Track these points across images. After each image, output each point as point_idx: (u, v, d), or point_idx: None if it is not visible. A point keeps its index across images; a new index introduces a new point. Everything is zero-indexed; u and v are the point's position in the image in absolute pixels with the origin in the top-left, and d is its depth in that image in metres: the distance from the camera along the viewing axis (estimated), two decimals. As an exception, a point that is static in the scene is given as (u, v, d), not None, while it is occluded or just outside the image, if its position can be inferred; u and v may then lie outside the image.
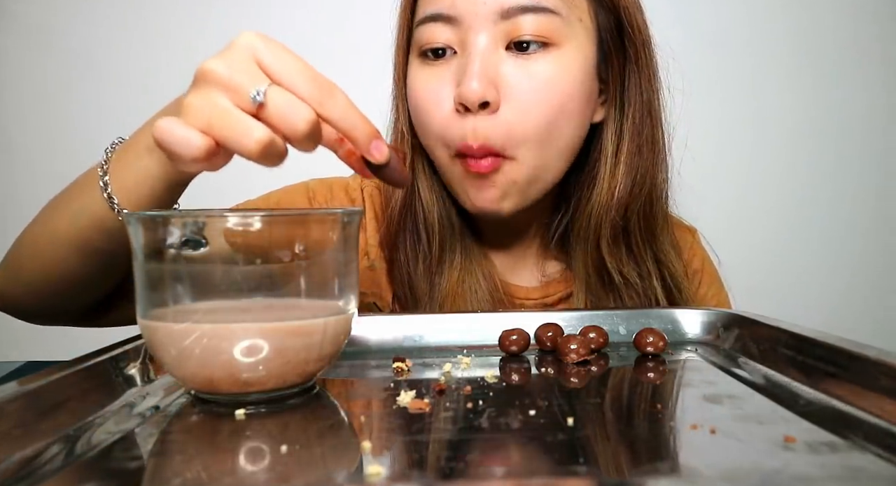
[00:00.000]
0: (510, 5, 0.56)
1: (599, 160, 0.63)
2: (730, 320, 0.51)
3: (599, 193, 0.62)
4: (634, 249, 0.65)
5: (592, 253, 0.64)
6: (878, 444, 0.29)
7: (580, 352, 0.45)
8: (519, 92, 0.56)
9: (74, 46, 0.98)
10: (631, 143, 0.62)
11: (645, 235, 0.65)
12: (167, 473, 0.28)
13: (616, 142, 0.62)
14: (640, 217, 0.64)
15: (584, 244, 0.64)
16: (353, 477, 0.27)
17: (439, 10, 0.57)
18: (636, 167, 0.62)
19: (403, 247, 0.66)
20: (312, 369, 0.38)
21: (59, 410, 0.33)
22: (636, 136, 0.62)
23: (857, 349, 0.37)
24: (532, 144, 0.57)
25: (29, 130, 1.00)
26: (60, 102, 0.99)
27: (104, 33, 0.98)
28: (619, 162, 0.62)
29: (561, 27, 0.57)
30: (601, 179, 0.62)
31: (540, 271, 0.70)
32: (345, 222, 0.39)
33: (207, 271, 0.35)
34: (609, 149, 0.62)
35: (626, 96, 0.62)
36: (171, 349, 0.35)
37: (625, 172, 0.62)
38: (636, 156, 0.62)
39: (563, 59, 0.57)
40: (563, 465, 0.28)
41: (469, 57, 0.56)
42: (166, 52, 0.99)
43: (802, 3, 1.02)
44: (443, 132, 0.59)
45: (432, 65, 0.59)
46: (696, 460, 0.29)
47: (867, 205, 1.01)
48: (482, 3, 0.56)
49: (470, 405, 0.36)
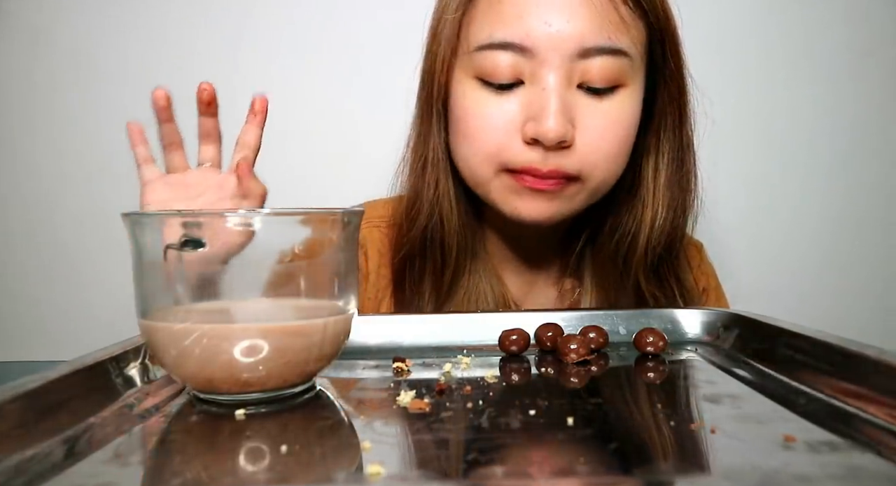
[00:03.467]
0: (589, 46, 0.56)
1: (640, 187, 0.64)
2: (730, 320, 0.51)
3: (639, 219, 0.64)
4: (661, 270, 0.67)
5: (626, 276, 0.65)
6: (878, 443, 0.29)
7: (580, 352, 0.45)
8: (592, 130, 0.58)
9: (75, 46, 0.98)
10: (669, 172, 0.64)
11: (670, 257, 0.67)
12: (167, 473, 0.28)
13: (654, 170, 0.64)
14: (674, 245, 0.66)
15: (616, 267, 0.66)
16: (353, 477, 0.27)
17: (511, 39, 0.56)
18: (676, 198, 0.64)
19: (412, 267, 0.66)
20: (312, 369, 0.38)
21: (59, 410, 0.33)
22: (675, 166, 0.64)
23: (857, 349, 0.37)
24: (599, 171, 0.59)
25: (29, 130, 1.00)
26: (60, 102, 0.99)
27: (104, 33, 0.98)
28: (658, 190, 0.64)
29: (629, 68, 0.58)
30: (641, 205, 0.64)
31: (556, 290, 0.71)
32: (345, 222, 0.39)
33: (207, 271, 0.35)
34: (649, 176, 0.64)
35: (664, 126, 0.63)
36: (171, 349, 0.35)
37: (665, 203, 0.64)
38: (675, 186, 0.64)
39: (629, 98, 0.59)
40: (563, 465, 0.28)
41: (545, 94, 0.56)
42: (167, 52, 0.99)
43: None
44: (497, 153, 0.59)
45: (497, 93, 0.58)
46: (696, 460, 0.29)
47: (869, 205, 1.01)
48: (562, 39, 0.55)
49: (470, 405, 0.36)
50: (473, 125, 0.59)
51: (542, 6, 0.56)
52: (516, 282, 0.70)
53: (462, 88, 0.60)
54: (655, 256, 0.64)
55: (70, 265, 1.00)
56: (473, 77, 0.59)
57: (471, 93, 0.59)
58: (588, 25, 0.55)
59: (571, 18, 0.55)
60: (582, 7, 0.55)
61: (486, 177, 0.60)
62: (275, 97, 0.99)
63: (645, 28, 0.59)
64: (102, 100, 0.99)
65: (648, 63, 0.61)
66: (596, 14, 0.56)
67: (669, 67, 0.61)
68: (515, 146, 0.58)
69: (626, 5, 0.57)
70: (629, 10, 0.57)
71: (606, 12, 0.56)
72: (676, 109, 0.63)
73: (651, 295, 0.65)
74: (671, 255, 0.66)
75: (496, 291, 0.67)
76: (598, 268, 0.68)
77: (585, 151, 0.58)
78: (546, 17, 0.55)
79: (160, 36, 0.99)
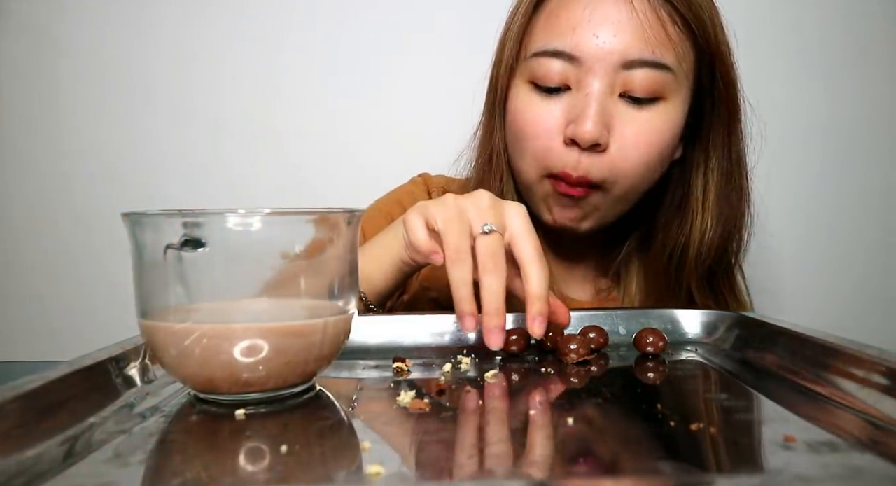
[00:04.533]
0: (633, 58, 0.59)
1: (689, 201, 0.67)
2: (730, 320, 0.51)
3: (688, 232, 0.66)
4: (715, 283, 0.69)
5: (679, 288, 0.68)
6: (878, 443, 0.29)
7: (580, 352, 0.45)
8: (627, 137, 0.60)
9: (76, 46, 0.98)
10: (718, 187, 0.66)
11: (723, 271, 0.69)
12: (167, 473, 0.28)
13: (703, 185, 0.66)
14: (725, 260, 0.68)
15: (669, 278, 0.68)
16: (353, 477, 0.27)
17: (562, 48, 0.60)
18: (725, 214, 0.66)
19: None
20: (312, 369, 0.38)
21: (59, 410, 0.33)
22: (724, 182, 0.66)
23: (857, 349, 0.37)
24: (626, 178, 0.62)
25: (29, 130, 1.00)
26: (61, 102, 0.99)
27: (105, 33, 0.98)
28: (707, 204, 0.66)
29: (672, 82, 0.61)
30: (691, 218, 0.66)
31: (593, 287, 0.74)
32: (345, 222, 0.39)
33: (207, 271, 0.35)
34: (698, 190, 0.66)
35: (713, 142, 0.65)
36: (172, 349, 0.35)
37: (715, 218, 0.66)
38: (725, 202, 0.66)
39: (669, 112, 0.61)
40: (564, 465, 0.28)
41: (587, 99, 0.60)
42: (168, 52, 0.99)
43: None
44: (543, 156, 0.62)
45: (545, 96, 0.62)
46: (696, 460, 0.29)
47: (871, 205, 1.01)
48: (608, 51, 0.59)
49: (470, 405, 0.36)
50: (523, 125, 0.63)
51: (593, 21, 0.60)
52: (559, 273, 0.73)
53: (517, 90, 0.65)
54: (705, 268, 0.67)
55: (70, 265, 1.00)
56: (527, 81, 0.63)
57: (523, 95, 0.64)
58: (633, 40, 0.59)
59: (618, 33, 0.59)
60: (630, 23, 0.59)
61: (531, 180, 0.64)
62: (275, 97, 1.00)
63: (693, 48, 0.62)
64: (103, 100, 0.99)
65: (696, 81, 0.64)
66: (642, 30, 0.59)
67: (718, 88, 0.64)
68: (556, 148, 0.61)
69: (675, 25, 0.60)
70: (677, 30, 0.60)
71: (654, 29, 0.59)
72: (725, 126, 0.65)
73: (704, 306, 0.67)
74: (724, 269, 0.69)
75: None
76: (650, 277, 0.70)
77: (617, 158, 0.60)
78: (596, 30, 0.59)
79: (161, 36, 0.99)
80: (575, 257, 0.73)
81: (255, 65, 0.99)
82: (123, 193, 1.00)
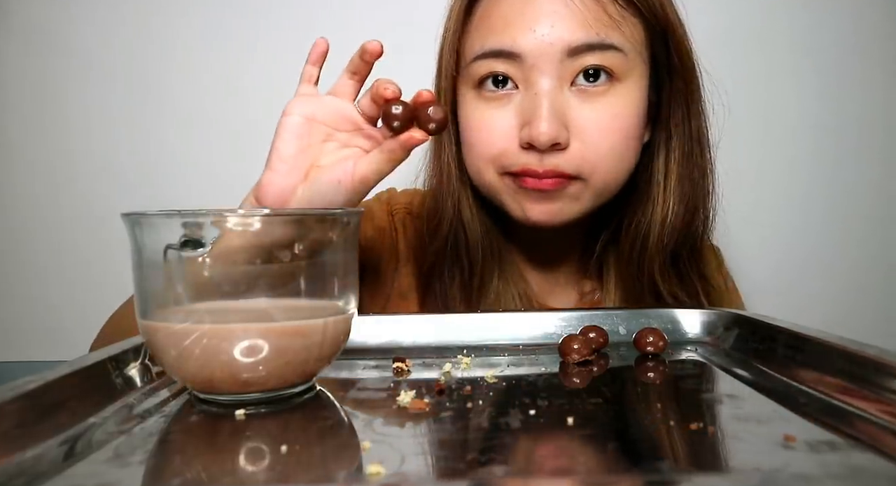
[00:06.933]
0: (576, 44, 0.57)
1: (650, 184, 0.64)
2: (730, 320, 0.51)
3: (650, 217, 0.63)
4: (682, 268, 0.66)
5: (641, 275, 0.65)
6: (878, 443, 0.29)
7: (582, 352, 0.45)
8: (587, 129, 0.58)
9: (76, 46, 0.98)
10: (680, 168, 0.63)
11: (691, 254, 0.66)
12: (167, 473, 0.28)
13: (664, 166, 0.64)
14: (690, 241, 0.65)
15: (633, 267, 0.65)
16: (353, 477, 0.27)
17: (500, 47, 0.58)
18: (687, 194, 0.63)
19: (440, 276, 0.66)
20: (312, 369, 0.38)
21: (59, 410, 0.33)
22: (685, 161, 0.63)
23: (857, 349, 0.37)
24: (601, 169, 0.59)
25: (29, 130, 1.00)
26: (61, 102, 0.99)
27: (105, 33, 0.98)
28: (668, 187, 0.63)
29: (623, 63, 0.58)
30: (652, 203, 0.63)
31: (577, 291, 0.71)
32: (345, 222, 0.39)
33: (207, 271, 0.35)
34: (659, 173, 0.64)
35: (673, 121, 0.63)
36: (172, 350, 0.35)
37: (677, 200, 0.63)
38: (686, 182, 0.63)
39: (626, 93, 0.59)
40: (564, 465, 0.28)
41: (537, 98, 0.57)
42: (168, 52, 0.99)
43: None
44: (498, 158, 0.60)
45: (492, 99, 0.60)
46: (695, 460, 0.29)
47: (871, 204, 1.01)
48: (548, 43, 0.57)
49: (470, 405, 0.36)
50: (475, 134, 0.61)
51: (526, 14, 0.57)
52: (540, 284, 0.71)
53: (464, 99, 0.62)
54: (667, 253, 0.64)
55: (70, 265, 1.00)
56: (472, 88, 0.61)
57: (471, 103, 0.61)
58: (573, 26, 0.56)
59: (556, 23, 0.57)
60: (566, 10, 0.57)
61: (491, 181, 0.62)
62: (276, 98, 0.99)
63: (642, 24, 0.59)
64: (103, 99, 0.99)
65: (652, 58, 0.61)
66: (581, 15, 0.57)
67: (673, 62, 0.61)
68: (512, 151, 0.59)
69: (616, 4, 0.58)
70: (619, 9, 0.58)
71: (593, 12, 0.57)
72: (683, 103, 0.63)
73: (671, 294, 0.65)
74: (690, 252, 0.66)
75: (522, 293, 0.67)
76: (622, 269, 0.67)
77: (583, 151, 0.58)
78: (531, 24, 0.57)
79: (162, 35, 0.99)
80: (555, 260, 0.70)
81: (256, 65, 0.99)
82: (123, 193, 1.00)
